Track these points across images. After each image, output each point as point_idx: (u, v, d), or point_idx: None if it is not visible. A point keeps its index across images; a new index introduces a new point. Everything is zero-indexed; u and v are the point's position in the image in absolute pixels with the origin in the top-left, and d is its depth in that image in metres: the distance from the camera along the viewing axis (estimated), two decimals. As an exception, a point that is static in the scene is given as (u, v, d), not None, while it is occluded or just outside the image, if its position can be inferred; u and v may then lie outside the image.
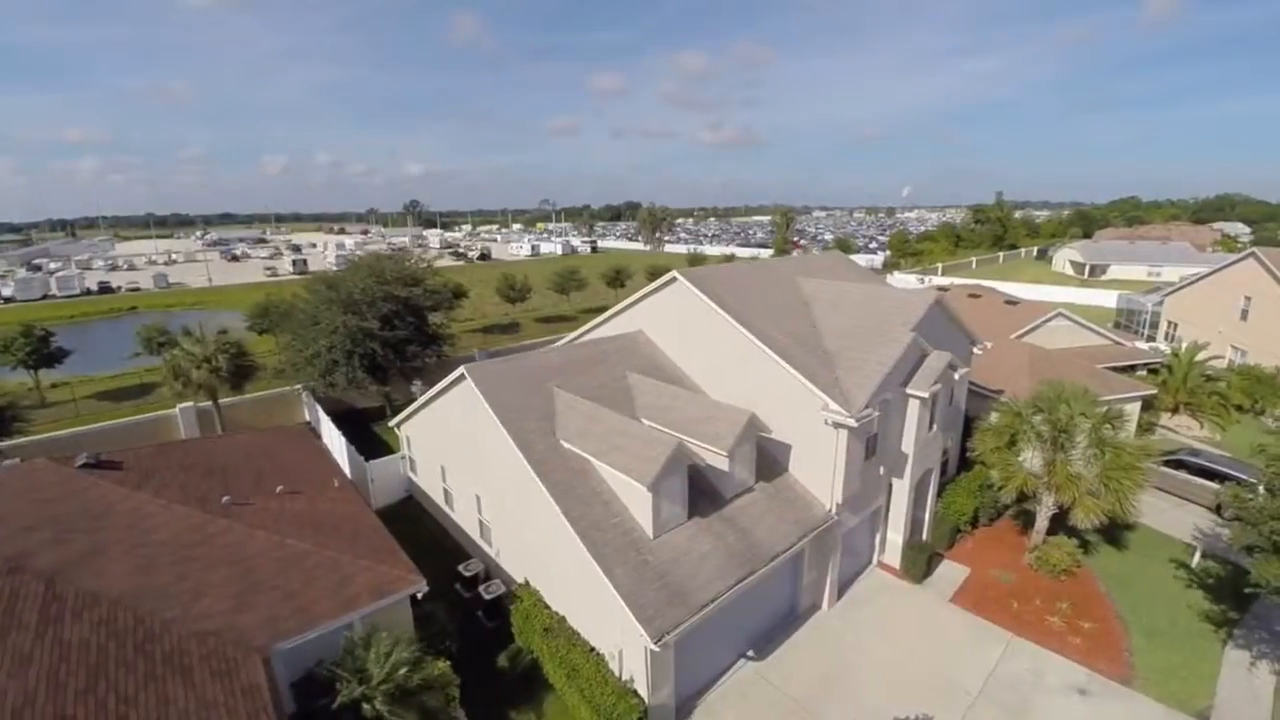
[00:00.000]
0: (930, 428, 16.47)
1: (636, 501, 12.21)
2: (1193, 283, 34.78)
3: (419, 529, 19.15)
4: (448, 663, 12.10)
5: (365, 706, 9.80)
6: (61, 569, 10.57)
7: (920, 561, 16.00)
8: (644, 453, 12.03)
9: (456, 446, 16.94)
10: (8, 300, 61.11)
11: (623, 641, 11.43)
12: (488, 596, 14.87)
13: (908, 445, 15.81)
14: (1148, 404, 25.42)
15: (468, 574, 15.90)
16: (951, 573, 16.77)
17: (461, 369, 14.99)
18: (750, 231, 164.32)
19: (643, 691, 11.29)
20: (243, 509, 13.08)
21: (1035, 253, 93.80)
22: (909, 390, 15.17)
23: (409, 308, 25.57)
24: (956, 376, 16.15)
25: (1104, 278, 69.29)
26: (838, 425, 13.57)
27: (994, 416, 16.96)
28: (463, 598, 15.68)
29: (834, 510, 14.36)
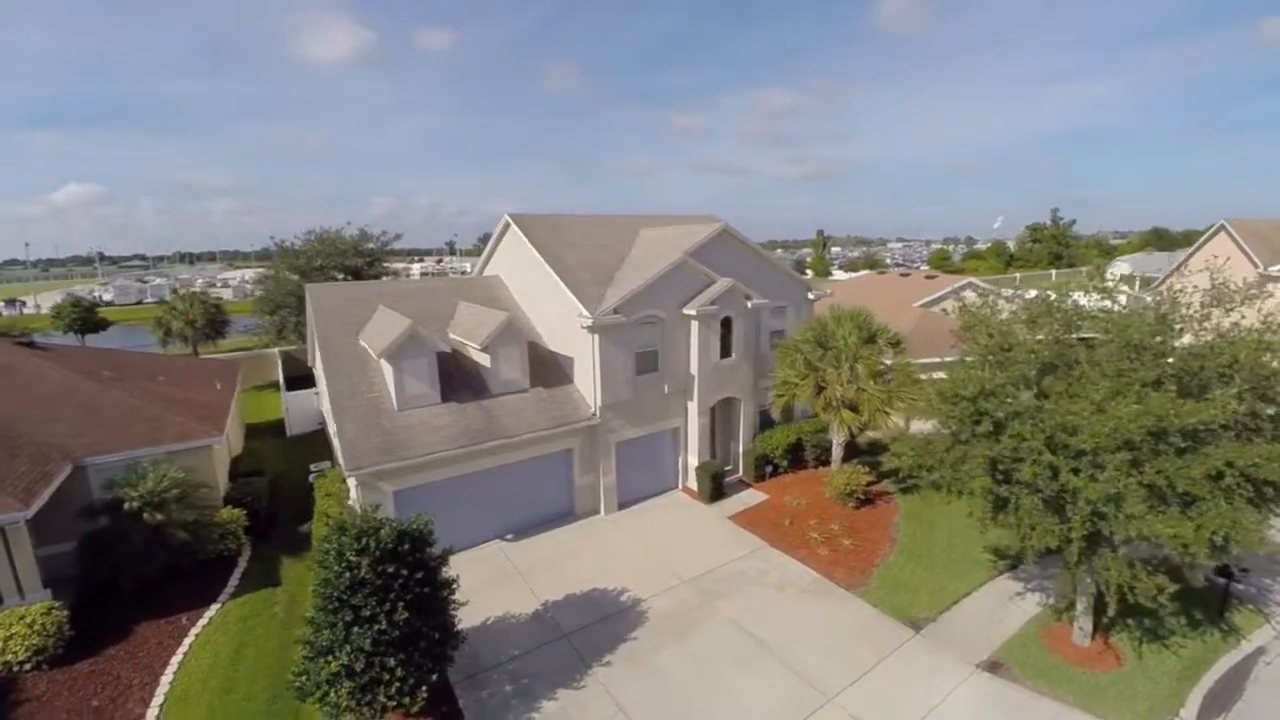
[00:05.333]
0: (726, 355, 17.37)
1: (388, 378, 14.40)
2: (1177, 268, 32.16)
3: (313, 447, 22.29)
4: (243, 511, 14.96)
5: (127, 505, 12.61)
6: (-38, 400, 14.37)
7: (705, 479, 16.74)
8: (388, 334, 14.26)
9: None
10: (108, 304, 74.21)
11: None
12: (311, 480, 17.41)
13: (694, 368, 16.85)
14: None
15: (314, 470, 18.56)
16: (749, 498, 17.28)
17: (307, 287, 18.03)
18: (801, 258, 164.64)
19: (361, 528, 13.20)
20: (117, 383, 16.57)
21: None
22: (684, 310, 16.37)
23: (358, 277, 29.50)
24: (750, 305, 17.08)
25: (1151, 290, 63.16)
26: (588, 328, 15.13)
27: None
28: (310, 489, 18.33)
29: (596, 412, 15.70)
